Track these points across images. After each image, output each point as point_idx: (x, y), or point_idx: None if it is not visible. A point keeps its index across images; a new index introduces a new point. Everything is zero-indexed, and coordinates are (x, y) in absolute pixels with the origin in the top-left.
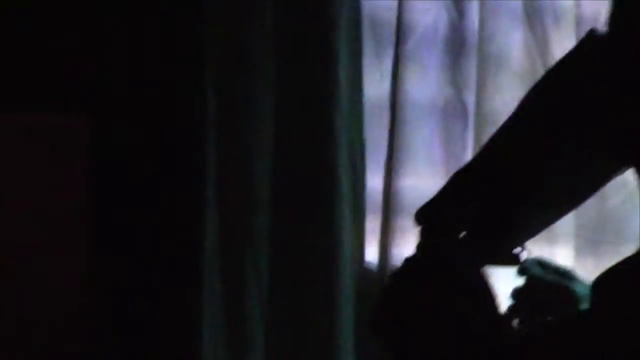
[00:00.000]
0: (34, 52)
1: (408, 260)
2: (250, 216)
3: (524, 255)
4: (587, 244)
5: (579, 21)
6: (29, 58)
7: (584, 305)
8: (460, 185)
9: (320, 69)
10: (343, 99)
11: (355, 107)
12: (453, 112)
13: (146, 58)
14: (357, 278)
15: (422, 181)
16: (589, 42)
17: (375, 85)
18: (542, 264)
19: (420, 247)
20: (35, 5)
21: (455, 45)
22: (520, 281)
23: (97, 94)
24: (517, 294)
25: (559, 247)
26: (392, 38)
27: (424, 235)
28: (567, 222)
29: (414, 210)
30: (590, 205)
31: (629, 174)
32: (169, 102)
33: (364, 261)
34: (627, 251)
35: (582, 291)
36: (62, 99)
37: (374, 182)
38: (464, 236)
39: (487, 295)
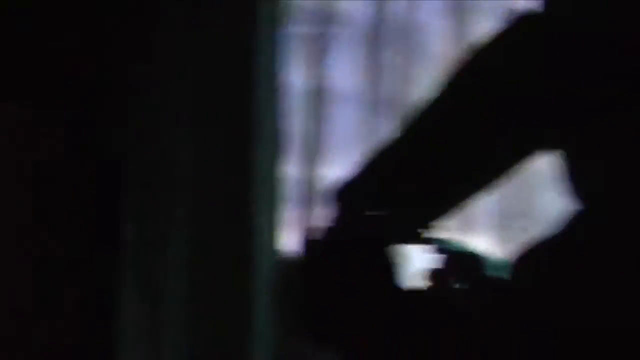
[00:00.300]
0: None
1: (323, 233)
2: (171, 209)
3: (433, 234)
4: (508, 233)
5: (502, 11)
6: None
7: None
8: (379, 164)
9: (240, 60)
10: (262, 89)
11: (274, 97)
12: (375, 102)
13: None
14: (275, 267)
15: (343, 170)
16: (522, 23)
17: (296, 74)
18: (446, 242)
19: (335, 221)
20: None
21: (377, 34)
22: (432, 258)
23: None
24: (432, 274)
25: (480, 237)
26: (315, 28)
27: (340, 211)
28: (488, 212)
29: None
30: (511, 194)
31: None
32: (90, 103)
33: (282, 251)
34: None
35: (494, 262)
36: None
37: (295, 171)
38: (379, 214)
39: (391, 271)
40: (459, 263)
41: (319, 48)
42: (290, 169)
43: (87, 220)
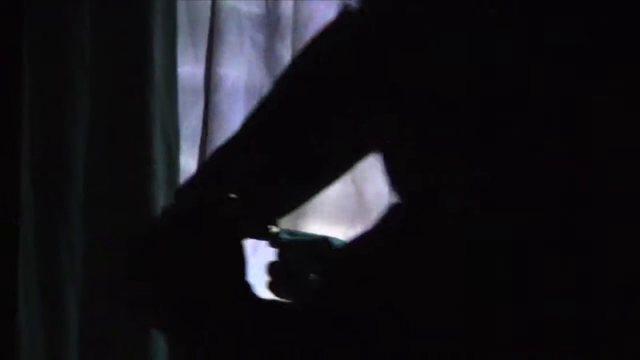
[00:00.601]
0: None
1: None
2: (66, 199)
3: (279, 228)
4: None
5: None
6: None
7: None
8: (219, 162)
9: (135, 52)
10: (158, 81)
11: (169, 89)
12: None
13: None
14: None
15: None
16: (343, 18)
17: (189, 67)
18: (291, 233)
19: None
20: None
21: (270, 27)
22: (273, 253)
23: None
24: (272, 268)
25: (348, 229)
26: (207, 21)
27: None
28: (350, 204)
29: None
30: (375, 186)
31: None
32: None
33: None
34: None
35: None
36: None
37: (189, 164)
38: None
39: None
40: (301, 253)
41: (213, 40)
42: (186, 162)
43: None
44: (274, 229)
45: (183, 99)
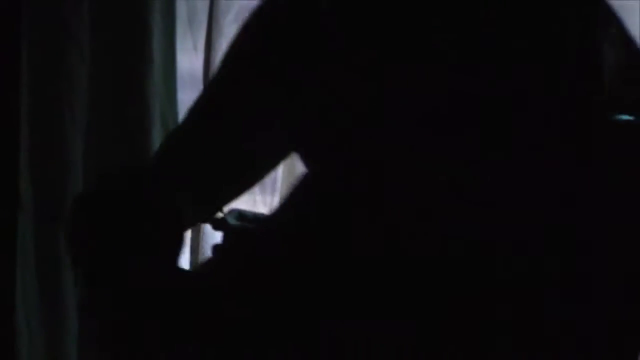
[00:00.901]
0: None
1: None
2: (65, 199)
3: (219, 214)
4: None
5: None
6: None
7: None
8: (168, 148)
9: (134, 51)
10: (156, 72)
11: (169, 88)
12: None
13: None
14: None
15: None
16: (269, 4)
17: (189, 58)
18: (239, 215)
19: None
20: None
21: None
22: (219, 236)
23: None
24: (217, 249)
25: None
26: (206, 12)
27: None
28: None
29: None
30: None
31: None
32: None
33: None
34: None
35: None
36: None
37: None
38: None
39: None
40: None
41: (212, 31)
42: None
43: None
44: (218, 214)
45: (183, 93)
